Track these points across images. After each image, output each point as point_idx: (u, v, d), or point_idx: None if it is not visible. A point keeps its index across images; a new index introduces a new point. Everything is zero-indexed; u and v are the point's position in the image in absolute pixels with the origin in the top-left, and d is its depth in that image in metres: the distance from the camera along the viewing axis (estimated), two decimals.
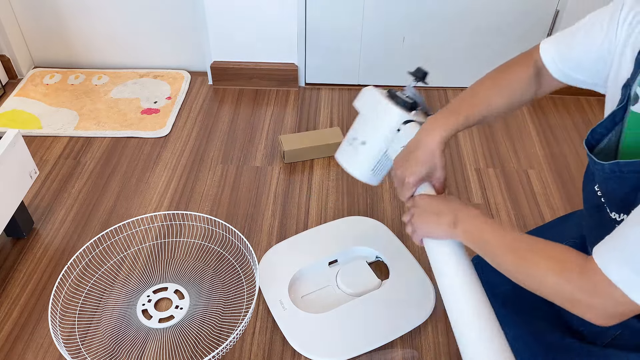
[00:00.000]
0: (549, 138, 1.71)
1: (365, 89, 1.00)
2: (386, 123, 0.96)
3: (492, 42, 1.81)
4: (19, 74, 1.97)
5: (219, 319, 1.19)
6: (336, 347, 1.13)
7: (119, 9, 1.89)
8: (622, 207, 0.69)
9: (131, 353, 1.13)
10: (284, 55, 1.88)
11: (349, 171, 1.03)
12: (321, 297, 1.24)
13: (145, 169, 1.60)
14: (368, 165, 1.00)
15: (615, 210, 0.71)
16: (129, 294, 1.25)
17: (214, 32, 1.83)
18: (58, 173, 1.58)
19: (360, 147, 0.99)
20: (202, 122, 1.78)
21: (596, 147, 0.76)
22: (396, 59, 1.88)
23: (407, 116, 0.94)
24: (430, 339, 1.17)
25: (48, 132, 1.72)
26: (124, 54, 2.00)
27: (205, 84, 1.96)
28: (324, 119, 1.80)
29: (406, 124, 0.94)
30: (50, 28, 1.94)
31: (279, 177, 1.57)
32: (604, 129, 0.75)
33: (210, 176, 1.57)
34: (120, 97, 1.88)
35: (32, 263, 1.32)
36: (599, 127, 0.75)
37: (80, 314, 1.20)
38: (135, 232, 1.36)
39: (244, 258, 1.30)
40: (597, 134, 0.75)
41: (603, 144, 0.75)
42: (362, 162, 1.00)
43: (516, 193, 1.52)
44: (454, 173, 1.58)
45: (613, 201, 0.71)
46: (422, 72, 0.98)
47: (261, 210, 1.46)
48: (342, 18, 1.79)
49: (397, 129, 0.94)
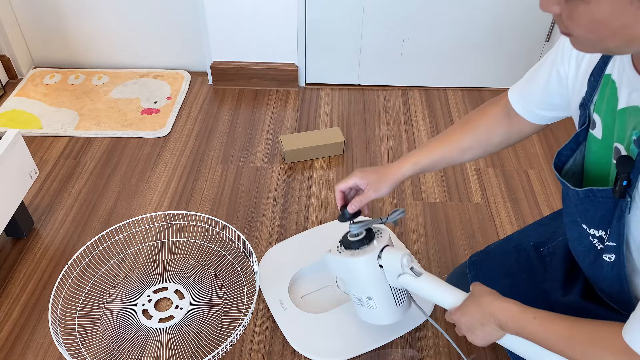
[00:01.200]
0: (549, 138, 1.71)
1: (324, 257, 1.01)
2: (367, 273, 0.96)
3: (492, 42, 1.81)
4: (19, 74, 1.97)
5: (219, 319, 1.19)
6: (336, 347, 1.13)
7: (119, 9, 1.89)
8: (599, 225, 0.72)
9: (131, 353, 1.13)
10: (284, 55, 1.88)
11: (383, 324, 1.05)
12: (321, 297, 1.24)
13: (145, 169, 1.60)
14: (391, 308, 1.01)
15: (593, 228, 0.73)
16: (129, 294, 1.25)
17: (214, 32, 1.83)
18: (58, 173, 1.58)
19: (371, 302, 1.00)
20: (202, 122, 1.78)
21: (563, 169, 0.79)
22: (396, 59, 1.88)
23: (374, 254, 0.94)
24: (430, 339, 1.17)
25: (48, 132, 1.72)
26: (124, 54, 2.00)
27: (205, 84, 1.96)
28: (324, 119, 1.80)
29: (380, 255, 0.95)
30: (50, 28, 1.94)
31: (279, 177, 1.57)
32: (569, 151, 0.78)
33: (210, 176, 1.58)
34: (120, 97, 1.88)
35: (32, 263, 1.32)
36: (564, 150, 0.78)
37: (80, 314, 1.20)
38: (135, 232, 1.36)
39: (244, 258, 1.30)
40: (563, 155, 0.79)
41: (569, 164, 0.79)
42: (384, 310, 1.01)
43: (516, 193, 1.52)
44: (454, 173, 1.58)
45: (590, 220, 0.73)
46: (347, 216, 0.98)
47: (261, 210, 1.46)
48: (342, 18, 1.79)
49: (379, 265, 0.95)
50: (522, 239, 1.04)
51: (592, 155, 0.76)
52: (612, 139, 0.70)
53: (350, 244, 0.97)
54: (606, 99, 0.71)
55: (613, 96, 0.69)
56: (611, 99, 0.69)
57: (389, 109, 1.85)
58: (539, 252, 0.99)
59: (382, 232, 0.99)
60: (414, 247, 1.36)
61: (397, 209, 0.98)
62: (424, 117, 1.81)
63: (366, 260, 0.94)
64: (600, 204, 0.69)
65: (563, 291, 0.90)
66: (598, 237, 0.72)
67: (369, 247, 0.96)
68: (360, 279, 0.98)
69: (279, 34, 1.82)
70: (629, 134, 0.66)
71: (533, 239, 1.01)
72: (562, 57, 0.79)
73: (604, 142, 0.72)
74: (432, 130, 1.74)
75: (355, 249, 0.96)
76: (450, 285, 0.92)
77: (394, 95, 1.91)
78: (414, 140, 1.71)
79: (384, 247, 0.95)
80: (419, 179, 1.56)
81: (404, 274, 0.93)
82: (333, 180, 1.56)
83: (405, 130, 1.75)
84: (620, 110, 0.68)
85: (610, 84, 0.70)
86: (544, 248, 0.99)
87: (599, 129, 0.72)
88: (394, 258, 0.93)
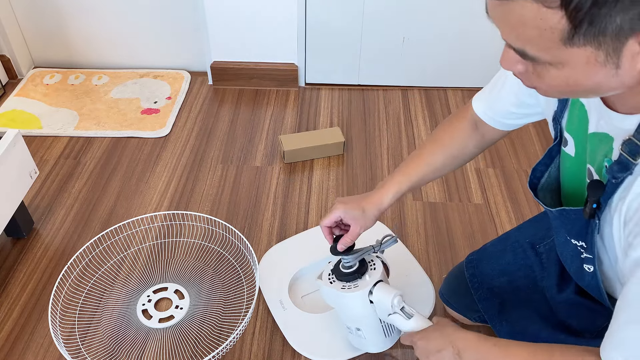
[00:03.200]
0: (549, 138, 1.71)
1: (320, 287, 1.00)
2: (357, 308, 0.96)
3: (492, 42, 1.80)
4: (19, 74, 1.97)
5: (219, 319, 1.19)
6: (336, 347, 1.13)
7: (119, 9, 1.89)
8: (578, 237, 0.72)
9: (131, 353, 1.13)
10: (284, 55, 1.88)
11: (370, 352, 1.07)
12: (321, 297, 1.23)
13: (145, 169, 1.60)
14: (379, 339, 1.02)
15: (573, 238, 0.74)
16: (129, 294, 1.25)
17: (214, 32, 1.83)
18: (58, 173, 1.58)
19: (360, 332, 1.01)
20: (202, 122, 1.78)
21: (539, 184, 0.80)
22: (396, 59, 1.88)
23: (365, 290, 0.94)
24: None
25: (48, 132, 1.72)
26: (124, 54, 2.00)
27: (205, 84, 1.96)
28: (324, 119, 1.80)
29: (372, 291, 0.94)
30: (50, 28, 1.94)
31: (279, 177, 1.57)
32: (543, 166, 0.80)
33: (210, 176, 1.57)
34: (120, 97, 1.88)
35: (32, 263, 1.32)
36: (538, 165, 0.80)
37: (80, 314, 1.20)
38: (135, 232, 1.36)
39: (244, 258, 1.30)
40: (537, 171, 0.80)
41: (544, 179, 0.80)
42: (373, 340, 1.02)
43: (516, 193, 1.52)
44: (454, 173, 1.58)
45: (570, 232, 0.74)
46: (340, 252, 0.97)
47: (261, 210, 1.46)
48: (342, 18, 1.79)
49: (370, 301, 0.95)
50: (518, 237, 1.04)
51: (566, 172, 0.76)
52: (585, 158, 0.70)
53: (343, 276, 0.96)
54: (577, 119, 0.70)
55: (583, 118, 0.69)
56: (582, 121, 0.69)
57: (389, 109, 1.85)
58: (535, 250, 1.00)
59: (376, 264, 0.98)
60: (414, 247, 1.36)
61: (389, 236, 0.98)
62: (424, 117, 1.81)
63: (357, 296, 0.94)
64: (575, 222, 0.70)
65: (558, 288, 0.91)
66: (580, 246, 0.73)
67: (361, 281, 0.95)
68: (350, 312, 0.99)
69: (279, 34, 1.82)
70: (599, 159, 0.66)
71: (529, 237, 1.02)
72: None
73: (577, 159, 0.72)
74: (432, 131, 1.74)
75: (347, 282, 0.95)
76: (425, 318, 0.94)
77: (394, 95, 1.91)
78: (414, 140, 1.71)
79: (377, 283, 0.94)
80: None
81: (394, 313, 0.93)
82: (333, 180, 1.56)
83: (405, 130, 1.75)
84: (592, 134, 0.67)
85: (580, 106, 0.69)
86: (539, 245, 0.99)
87: (572, 147, 0.73)
88: (385, 297, 0.92)
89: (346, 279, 0.95)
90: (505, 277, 1.02)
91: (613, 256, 0.68)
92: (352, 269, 0.96)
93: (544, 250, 0.98)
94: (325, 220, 0.97)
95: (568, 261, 0.82)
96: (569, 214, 0.71)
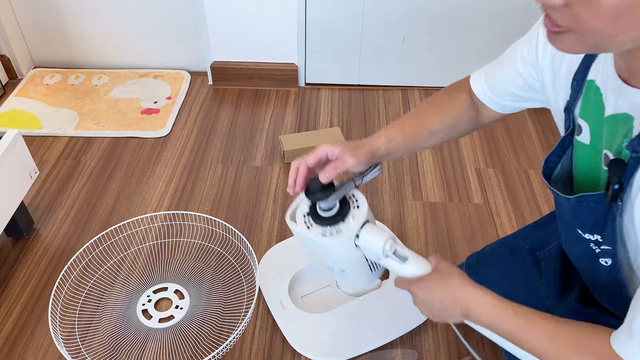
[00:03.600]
0: (549, 138, 1.71)
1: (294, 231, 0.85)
2: (341, 254, 0.83)
3: (492, 41, 1.81)
4: (19, 74, 1.97)
5: (219, 319, 1.19)
6: (336, 347, 1.13)
7: (119, 9, 1.89)
8: (593, 229, 0.70)
9: (131, 353, 1.13)
10: (284, 55, 1.88)
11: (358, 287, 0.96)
12: (321, 297, 1.23)
13: (145, 169, 1.60)
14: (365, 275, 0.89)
15: (588, 233, 0.71)
16: (129, 294, 1.25)
17: (214, 32, 1.83)
18: (58, 173, 1.58)
19: (344, 273, 0.88)
20: (202, 122, 1.78)
21: (552, 175, 0.77)
22: (396, 59, 1.88)
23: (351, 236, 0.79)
24: (430, 339, 1.17)
25: (48, 132, 1.72)
26: (124, 54, 2.00)
27: (205, 84, 1.96)
28: (324, 119, 1.80)
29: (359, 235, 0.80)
30: (50, 28, 1.94)
31: (279, 177, 1.57)
32: (555, 157, 0.76)
33: (210, 176, 1.57)
34: (120, 97, 1.88)
35: (32, 263, 1.32)
36: (551, 156, 0.76)
37: (80, 314, 1.20)
38: (135, 232, 1.36)
39: (244, 258, 1.30)
40: (550, 162, 0.76)
41: (557, 170, 0.76)
42: (358, 277, 0.90)
43: (516, 193, 1.52)
44: (454, 173, 1.58)
45: (584, 225, 0.71)
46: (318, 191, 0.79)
47: (261, 210, 1.46)
48: (342, 18, 1.79)
49: (355, 245, 0.81)
50: (518, 243, 1.03)
51: (580, 161, 0.74)
52: (601, 145, 0.68)
53: (322, 220, 0.80)
54: (592, 104, 0.69)
55: (599, 102, 0.67)
56: (597, 105, 0.68)
57: (389, 109, 1.85)
58: (534, 257, 0.98)
59: (359, 201, 0.82)
60: (414, 247, 1.36)
61: (372, 165, 0.84)
62: None
63: (341, 244, 0.79)
64: (593, 209, 0.68)
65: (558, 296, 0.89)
66: (594, 241, 0.71)
67: (345, 225, 0.80)
68: (333, 257, 0.86)
69: (279, 34, 1.82)
70: (618, 141, 0.64)
71: (529, 243, 1.00)
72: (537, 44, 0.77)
73: (592, 148, 0.70)
74: None
75: (328, 227, 0.80)
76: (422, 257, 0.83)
77: (394, 95, 1.91)
78: None
79: (364, 225, 0.80)
80: (419, 179, 1.56)
81: (387, 257, 0.81)
82: None
83: None
84: (608, 117, 0.66)
85: (595, 90, 0.68)
86: (539, 252, 0.98)
87: (587, 134, 0.71)
88: (375, 243, 0.79)
89: (326, 223, 0.79)
90: (506, 282, 1.00)
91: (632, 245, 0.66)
92: (332, 210, 0.80)
93: (543, 257, 0.96)
94: (310, 158, 0.83)
95: (579, 260, 0.80)
96: (588, 201, 0.67)
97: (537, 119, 1.78)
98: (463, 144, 1.69)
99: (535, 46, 0.77)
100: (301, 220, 0.83)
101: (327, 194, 0.78)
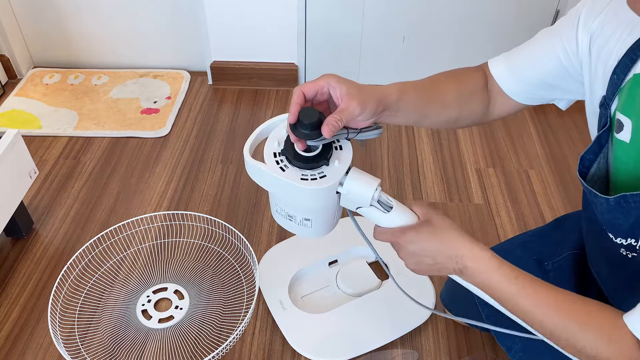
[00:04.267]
0: (549, 138, 1.71)
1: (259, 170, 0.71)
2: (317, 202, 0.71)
3: (492, 42, 1.81)
4: (19, 74, 1.97)
5: (219, 319, 1.19)
6: (336, 347, 1.13)
7: (119, 9, 1.88)
8: (630, 233, 0.66)
9: (131, 353, 1.13)
10: (284, 55, 1.88)
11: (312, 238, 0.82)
12: (321, 297, 1.23)
13: (145, 169, 1.60)
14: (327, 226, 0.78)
15: (621, 237, 0.68)
16: (129, 294, 1.25)
17: (214, 32, 1.83)
18: (58, 173, 1.58)
19: (308, 222, 0.76)
20: (202, 122, 1.78)
21: (588, 174, 0.72)
22: (396, 59, 1.88)
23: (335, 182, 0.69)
24: (430, 339, 1.17)
25: (48, 132, 1.72)
26: (124, 54, 2.00)
27: (205, 84, 1.96)
28: None
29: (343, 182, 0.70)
30: (50, 28, 1.94)
31: None
32: (592, 155, 0.71)
33: (210, 176, 1.57)
34: (120, 97, 1.88)
35: (32, 263, 1.32)
36: (587, 154, 0.72)
37: (80, 314, 1.20)
38: (135, 232, 1.36)
39: (244, 258, 1.30)
40: (586, 160, 0.72)
41: (593, 169, 0.72)
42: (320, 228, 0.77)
43: (516, 193, 1.52)
44: (454, 173, 1.58)
45: (619, 229, 0.67)
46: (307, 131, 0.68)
47: (261, 210, 1.46)
48: (342, 18, 1.79)
49: (336, 191, 0.71)
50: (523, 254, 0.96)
51: (618, 160, 0.69)
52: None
53: (301, 161, 0.69)
54: (638, 100, 0.64)
55: None
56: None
57: None
58: (542, 267, 0.92)
59: (341, 142, 0.73)
60: None
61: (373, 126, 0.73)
62: None
63: (323, 191, 0.69)
64: (632, 210, 0.63)
65: None
66: (626, 246, 0.67)
67: (329, 169, 0.70)
68: (304, 205, 0.74)
69: (279, 33, 1.82)
70: None
71: (535, 253, 0.95)
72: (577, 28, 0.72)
73: (633, 144, 0.65)
74: (432, 131, 1.74)
75: (309, 170, 0.69)
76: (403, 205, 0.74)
77: None
78: (414, 140, 1.71)
79: (349, 170, 0.71)
80: (419, 178, 1.56)
81: (370, 206, 0.72)
82: None
83: (406, 130, 1.75)
84: None
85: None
86: (548, 263, 0.92)
87: (628, 131, 0.65)
88: (363, 190, 0.70)
89: (307, 165, 0.69)
90: None
91: None
92: (314, 151, 0.70)
93: (552, 267, 0.92)
94: (307, 87, 0.74)
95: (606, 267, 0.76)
96: (628, 201, 0.63)
97: (537, 119, 1.78)
98: (463, 143, 1.69)
99: (575, 26, 0.72)
100: (271, 160, 0.71)
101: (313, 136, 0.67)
